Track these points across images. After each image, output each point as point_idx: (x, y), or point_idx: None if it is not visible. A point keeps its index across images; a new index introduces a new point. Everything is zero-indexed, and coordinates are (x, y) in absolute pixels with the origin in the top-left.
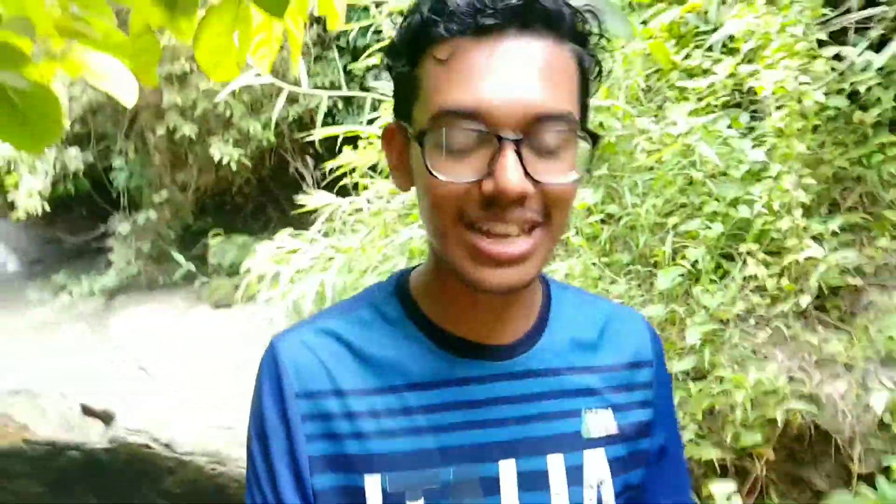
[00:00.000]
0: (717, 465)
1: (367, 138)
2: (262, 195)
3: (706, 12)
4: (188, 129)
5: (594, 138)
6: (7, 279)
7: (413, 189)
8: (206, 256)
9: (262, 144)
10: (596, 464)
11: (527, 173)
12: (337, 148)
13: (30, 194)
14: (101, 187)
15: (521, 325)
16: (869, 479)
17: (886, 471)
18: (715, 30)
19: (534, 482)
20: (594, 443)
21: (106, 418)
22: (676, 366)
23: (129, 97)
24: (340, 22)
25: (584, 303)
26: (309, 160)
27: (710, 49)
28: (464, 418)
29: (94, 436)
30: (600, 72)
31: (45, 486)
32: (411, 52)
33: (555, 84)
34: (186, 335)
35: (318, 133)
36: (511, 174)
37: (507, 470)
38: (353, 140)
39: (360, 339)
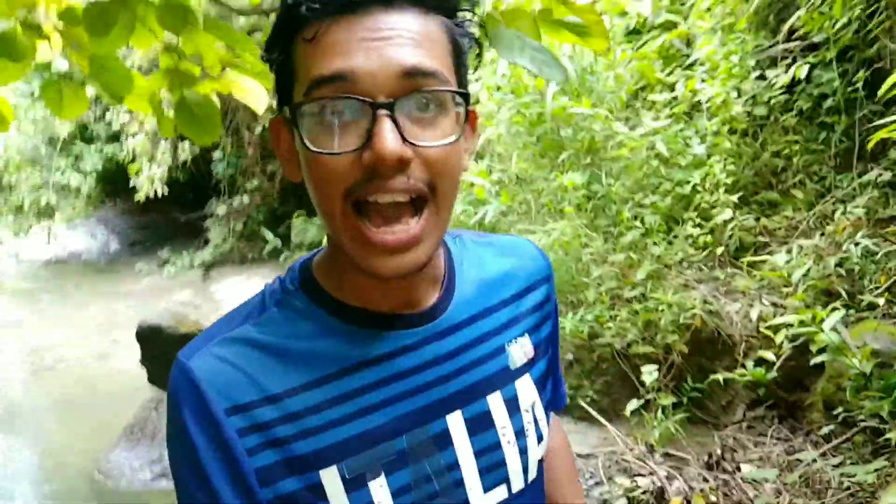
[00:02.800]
0: (649, 357)
1: None
2: None
3: (688, 41)
4: None
5: (466, 99)
6: (111, 257)
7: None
8: (290, 235)
9: None
10: (526, 388)
11: (404, 139)
12: None
13: (151, 180)
14: (203, 177)
15: (433, 288)
16: (744, 365)
17: (759, 361)
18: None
19: (480, 424)
20: (520, 371)
21: None
22: (629, 293)
23: (259, 106)
24: None
25: (479, 245)
26: None
27: (689, 67)
28: (402, 388)
29: None
30: (479, 46)
31: None
32: (282, 39)
33: (422, 47)
34: None
35: None
36: (387, 139)
37: (455, 421)
38: None
39: (277, 339)
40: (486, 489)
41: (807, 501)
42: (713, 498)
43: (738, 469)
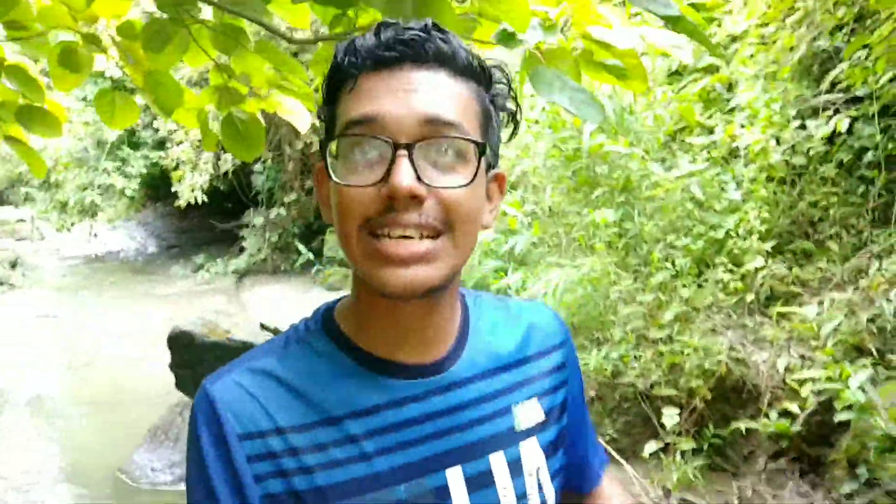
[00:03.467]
0: (672, 400)
1: None
2: None
3: (730, 86)
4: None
5: (484, 150)
6: (148, 258)
7: None
8: (323, 249)
9: None
10: (531, 452)
11: (420, 179)
12: None
13: (192, 188)
14: (243, 188)
15: (445, 340)
16: (767, 415)
17: (784, 413)
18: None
19: (481, 482)
20: (527, 433)
21: (275, 333)
22: (655, 334)
23: (303, 126)
24: None
25: (497, 306)
26: None
27: (729, 112)
28: (406, 437)
29: None
30: (515, 120)
31: None
32: (330, 93)
33: (447, 102)
34: (304, 308)
35: None
36: (402, 175)
37: (455, 476)
38: None
39: (294, 376)
40: None
41: None
42: None
43: None
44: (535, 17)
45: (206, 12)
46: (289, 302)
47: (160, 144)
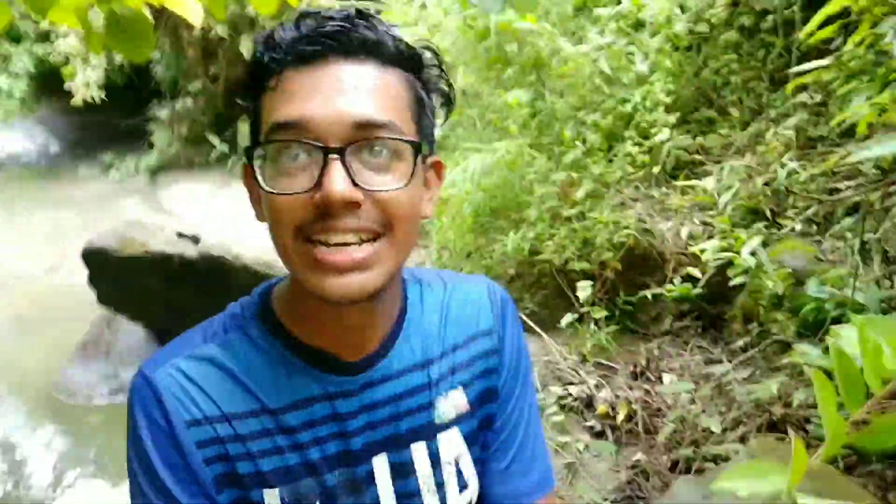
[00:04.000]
0: (585, 273)
1: None
2: None
3: None
4: (221, 30)
5: (419, 148)
6: (52, 160)
7: None
8: (237, 140)
9: None
10: (451, 443)
11: (355, 183)
12: None
13: (86, 84)
14: (143, 79)
15: (380, 335)
16: (672, 281)
17: (687, 277)
18: None
19: (403, 471)
20: (447, 425)
21: (194, 240)
22: (569, 212)
23: (196, 20)
24: None
25: (430, 292)
26: None
27: None
28: (336, 429)
29: (189, 250)
30: (449, 101)
31: (163, 281)
32: (250, 88)
33: (376, 98)
34: (221, 206)
35: None
36: (336, 182)
37: (381, 464)
38: None
39: (235, 364)
40: None
41: (715, 412)
42: (635, 407)
43: (661, 379)
44: None
45: None
46: (206, 199)
47: (44, 37)
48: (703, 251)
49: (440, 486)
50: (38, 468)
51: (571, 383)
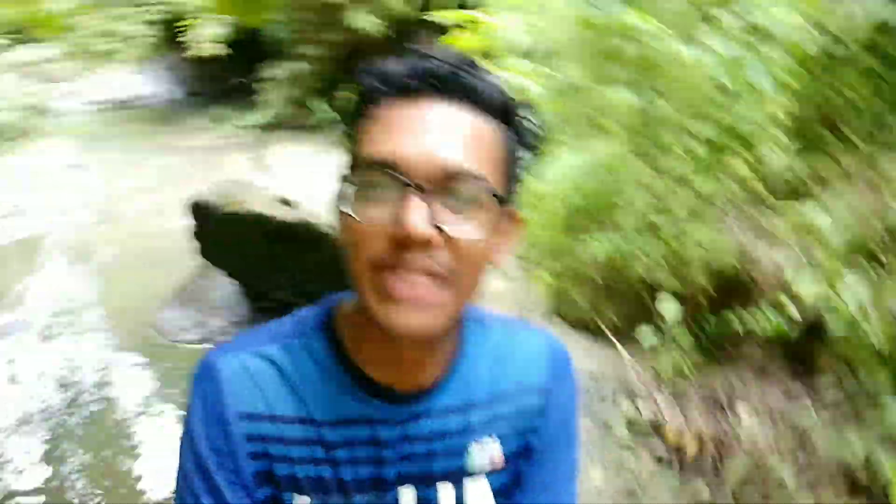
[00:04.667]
0: (674, 291)
1: (481, 24)
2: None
3: None
4: None
5: (503, 201)
6: (172, 106)
7: None
8: (342, 106)
9: (400, 16)
10: (477, 491)
11: (435, 223)
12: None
13: (207, 38)
14: (261, 38)
15: (434, 372)
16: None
17: (783, 313)
18: None
19: None
20: (477, 474)
21: (293, 205)
22: (666, 226)
23: None
24: None
25: (489, 336)
26: (436, 36)
27: None
28: (372, 454)
29: (288, 215)
30: (538, 152)
31: (260, 242)
32: (354, 113)
33: (469, 147)
34: (326, 171)
35: (439, 15)
36: (415, 218)
37: (407, 495)
38: (467, 24)
39: (291, 369)
40: None
41: (791, 461)
42: (706, 440)
43: (736, 413)
44: None
45: None
46: (309, 162)
47: None
48: (800, 285)
49: None
50: (127, 396)
51: (642, 400)
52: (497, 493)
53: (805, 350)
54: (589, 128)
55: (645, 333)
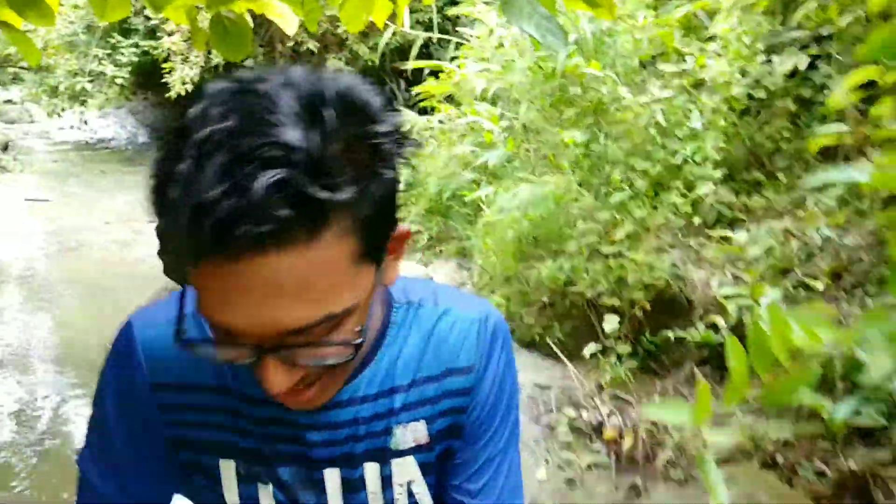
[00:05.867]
0: (615, 309)
1: (448, 72)
2: None
3: (714, 12)
4: (311, 45)
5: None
6: (138, 148)
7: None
8: None
9: (367, 64)
10: (405, 469)
11: (294, 363)
12: (423, 76)
13: (182, 80)
14: None
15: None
16: (696, 327)
17: (711, 325)
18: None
19: (353, 486)
20: (403, 453)
21: None
22: (607, 249)
23: (290, 29)
24: None
25: (418, 317)
26: (401, 82)
27: (708, 39)
28: (293, 435)
29: None
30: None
31: None
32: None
33: (304, 294)
34: None
35: (411, 64)
36: (272, 383)
37: (332, 476)
38: (437, 72)
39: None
40: None
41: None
42: (642, 435)
43: None
44: None
45: None
46: None
47: (151, 33)
48: (726, 297)
49: (389, 503)
50: (83, 431)
51: (584, 408)
52: (422, 467)
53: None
54: (541, 164)
55: (588, 348)
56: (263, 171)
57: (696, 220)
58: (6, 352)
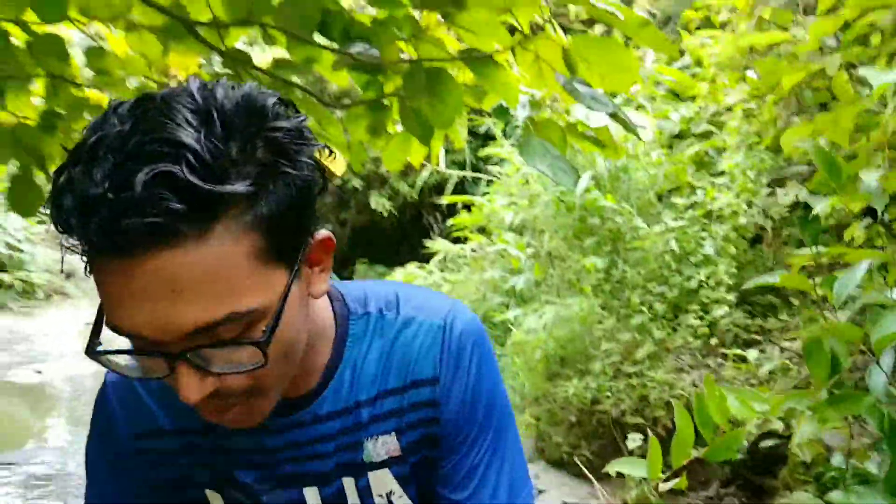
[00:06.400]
0: (639, 427)
1: (479, 206)
2: (400, 237)
3: (723, 149)
4: (356, 183)
5: (271, 313)
6: None
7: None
8: (353, 278)
9: (406, 200)
10: (381, 480)
11: (209, 371)
12: (458, 209)
13: None
14: None
15: (312, 375)
16: None
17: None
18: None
19: (334, 500)
20: (378, 465)
21: None
22: (630, 369)
23: (338, 169)
24: (462, 142)
25: (378, 328)
26: (438, 215)
27: (719, 174)
28: (262, 460)
29: None
30: (321, 173)
31: None
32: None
33: (205, 292)
34: None
35: (446, 198)
36: (186, 391)
37: (311, 494)
38: (469, 205)
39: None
40: None
41: None
42: None
43: None
44: (524, 96)
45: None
46: None
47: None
48: (744, 418)
49: None
50: None
51: None
52: (401, 481)
53: (758, 483)
54: (565, 287)
55: (611, 466)
56: (148, 165)
57: (713, 342)
58: (50, 471)
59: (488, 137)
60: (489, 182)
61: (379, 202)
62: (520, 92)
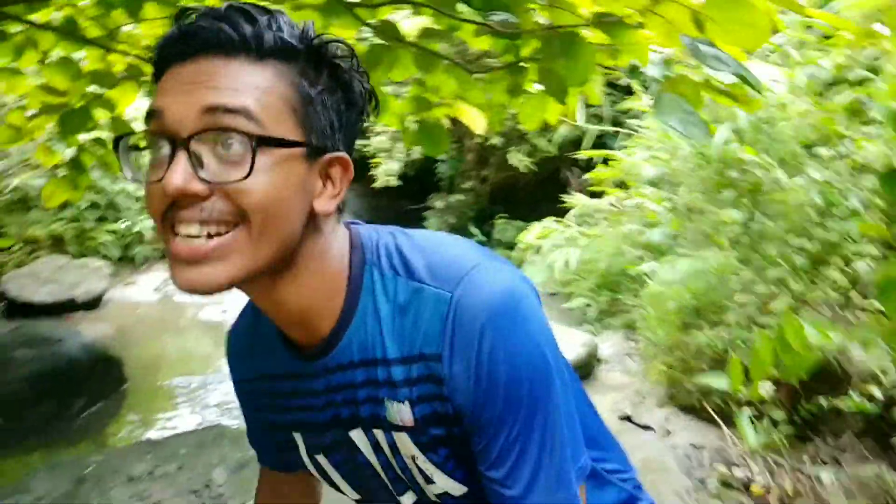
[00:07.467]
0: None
1: (617, 160)
2: (538, 192)
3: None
4: (496, 140)
5: (280, 143)
6: None
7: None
8: (493, 233)
9: (545, 155)
10: (404, 444)
11: (199, 174)
12: (595, 163)
13: (387, 173)
14: (428, 174)
15: (326, 319)
16: (852, 397)
17: (870, 397)
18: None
19: (377, 447)
20: (398, 428)
21: None
22: (765, 320)
23: (478, 128)
24: (598, 98)
25: (386, 289)
26: (575, 170)
27: (872, 122)
28: (314, 402)
29: None
30: (372, 97)
31: None
32: (151, 92)
33: (234, 86)
34: None
35: (583, 153)
36: (173, 175)
37: (358, 436)
38: (607, 160)
39: (262, 330)
40: (399, 493)
41: None
42: (787, 493)
43: (819, 479)
44: (655, 55)
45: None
46: None
47: (361, 133)
48: (884, 372)
49: (404, 469)
50: None
51: (735, 465)
52: (421, 447)
53: (885, 428)
54: (702, 241)
55: (744, 412)
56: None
57: (854, 295)
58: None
59: (628, 91)
60: (628, 136)
61: (518, 158)
62: (650, 51)
